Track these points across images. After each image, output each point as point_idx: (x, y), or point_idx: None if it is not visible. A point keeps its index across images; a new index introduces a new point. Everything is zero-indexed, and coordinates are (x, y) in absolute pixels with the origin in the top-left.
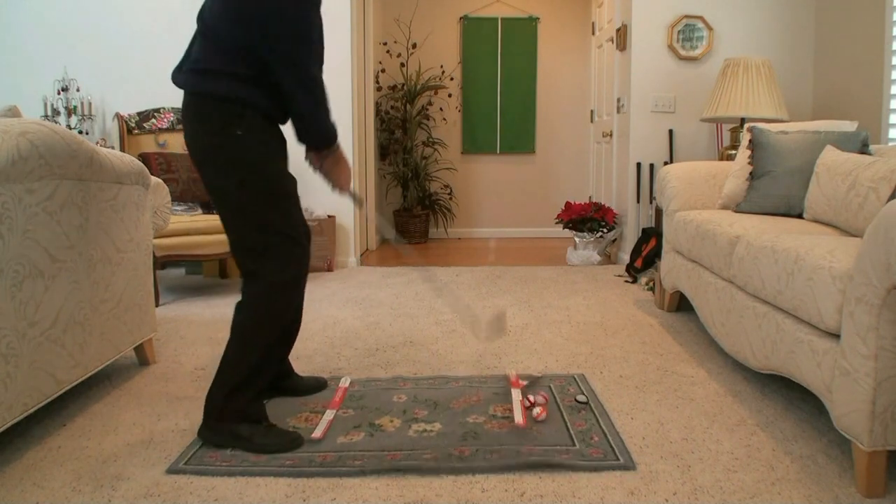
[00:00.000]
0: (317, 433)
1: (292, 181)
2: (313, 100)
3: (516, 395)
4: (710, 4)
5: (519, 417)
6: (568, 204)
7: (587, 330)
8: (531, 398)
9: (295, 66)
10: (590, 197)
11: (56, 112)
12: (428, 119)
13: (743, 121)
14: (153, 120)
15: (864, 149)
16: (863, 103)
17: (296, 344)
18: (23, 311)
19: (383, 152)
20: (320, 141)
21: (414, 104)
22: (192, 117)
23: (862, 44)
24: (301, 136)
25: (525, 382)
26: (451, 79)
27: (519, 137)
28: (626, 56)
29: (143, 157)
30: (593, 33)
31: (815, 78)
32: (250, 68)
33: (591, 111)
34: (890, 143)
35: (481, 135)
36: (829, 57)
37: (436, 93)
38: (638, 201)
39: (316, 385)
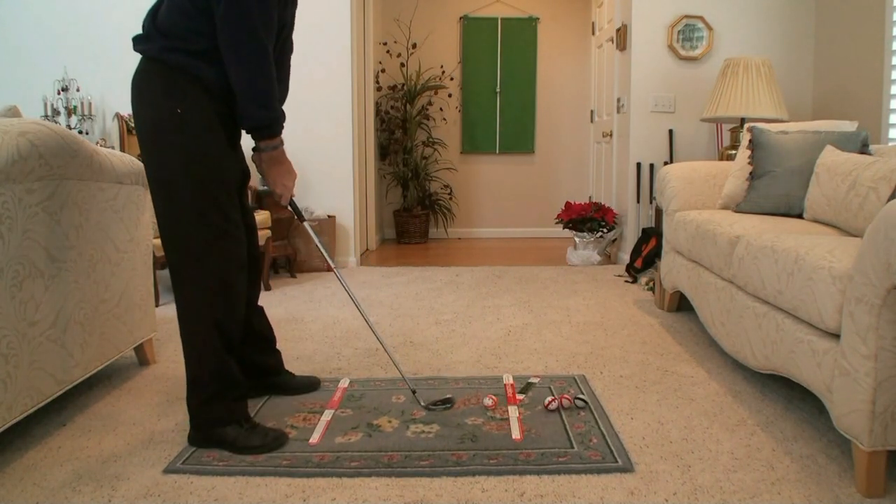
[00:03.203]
0: (313, 439)
1: (237, 170)
2: (246, 69)
3: (513, 411)
4: (710, 4)
5: (516, 433)
6: (568, 204)
7: (587, 330)
8: (547, 399)
9: (238, 19)
10: (590, 197)
11: (56, 112)
12: (428, 119)
13: (743, 121)
14: None
15: (864, 149)
16: (863, 103)
17: (296, 344)
18: (23, 311)
19: (383, 152)
20: (249, 122)
21: (414, 104)
22: (136, 86)
23: (862, 44)
24: (238, 115)
25: (522, 397)
26: (451, 79)
27: (518, 137)
28: (626, 56)
29: None
30: (593, 33)
31: (815, 78)
32: (206, 36)
33: (591, 111)
34: (890, 143)
35: (481, 135)
36: (829, 57)
37: (436, 93)
38: (638, 201)
39: (308, 384)
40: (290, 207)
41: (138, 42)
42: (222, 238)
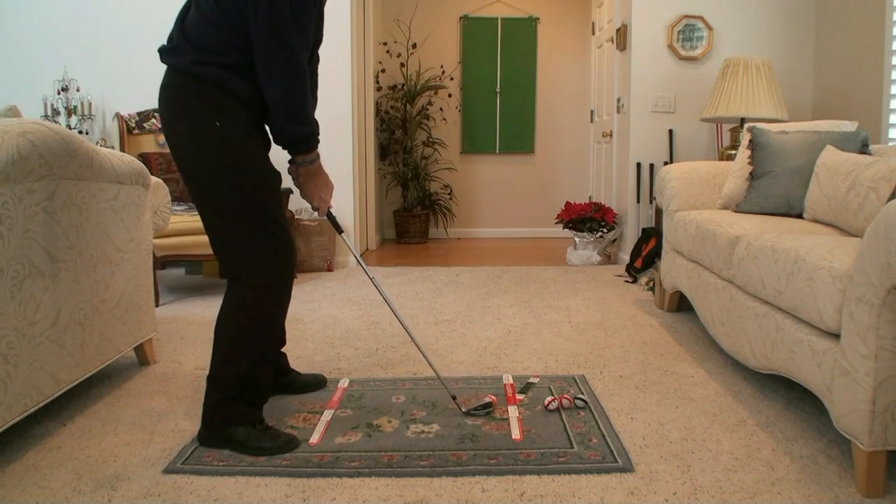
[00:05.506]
0: (314, 439)
1: (276, 176)
2: (282, 88)
3: (513, 411)
4: (710, 4)
5: (516, 433)
6: (568, 204)
7: (587, 330)
8: (548, 399)
9: (276, 38)
10: (590, 197)
11: (56, 112)
12: (428, 119)
13: (743, 121)
14: (153, 120)
15: (864, 149)
16: (863, 103)
17: (296, 344)
18: (23, 311)
19: (383, 152)
20: (285, 139)
21: (414, 104)
22: (169, 100)
23: (862, 44)
24: (272, 131)
25: (521, 397)
26: (451, 79)
27: (518, 137)
28: (626, 56)
29: (143, 157)
30: (593, 33)
31: (815, 78)
32: (239, 50)
33: (591, 111)
34: (890, 143)
35: (481, 135)
36: (829, 57)
37: (436, 93)
38: (638, 201)
39: (315, 382)
40: (328, 218)
41: (167, 54)
42: (276, 245)
